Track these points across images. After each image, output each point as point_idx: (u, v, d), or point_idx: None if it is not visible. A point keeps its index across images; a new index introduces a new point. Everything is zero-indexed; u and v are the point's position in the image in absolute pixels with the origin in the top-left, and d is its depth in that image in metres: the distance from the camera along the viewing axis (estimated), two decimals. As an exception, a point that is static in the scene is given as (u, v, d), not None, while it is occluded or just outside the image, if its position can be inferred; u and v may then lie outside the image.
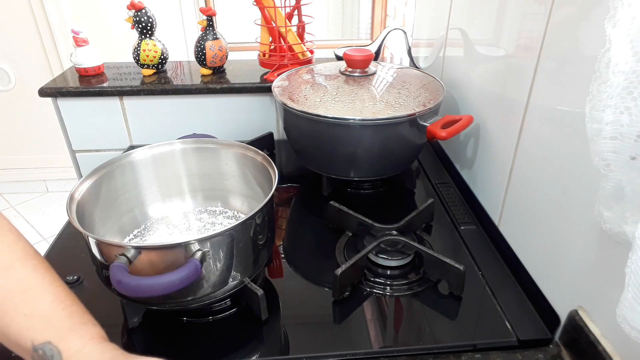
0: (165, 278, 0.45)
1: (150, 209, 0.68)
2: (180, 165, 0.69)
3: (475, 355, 0.50)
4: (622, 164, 0.35)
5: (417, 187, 0.84)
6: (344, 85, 0.76)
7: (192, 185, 0.71)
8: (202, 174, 0.70)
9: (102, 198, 0.60)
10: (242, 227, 0.51)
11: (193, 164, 0.69)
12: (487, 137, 0.71)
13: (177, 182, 0.70)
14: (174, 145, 0.68)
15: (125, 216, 0.65)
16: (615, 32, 0.33)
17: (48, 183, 2.44)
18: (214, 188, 0.71)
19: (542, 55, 0.54)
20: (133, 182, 0.66)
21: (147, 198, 0.68)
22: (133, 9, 1.01)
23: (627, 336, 0.41)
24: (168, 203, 0.70)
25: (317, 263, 0.66)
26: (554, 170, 0.52)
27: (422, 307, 0.57)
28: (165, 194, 0.69)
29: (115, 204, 0.63)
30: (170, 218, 0.69)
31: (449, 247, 0.68)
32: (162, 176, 0.68)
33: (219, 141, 0.68)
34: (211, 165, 0.69)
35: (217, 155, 0.68)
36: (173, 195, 0.70)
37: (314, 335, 0.54)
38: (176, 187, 0.70)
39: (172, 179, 0.69)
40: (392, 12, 2.13)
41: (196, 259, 0.46)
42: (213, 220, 0.69)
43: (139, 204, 0.67)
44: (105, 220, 0.61)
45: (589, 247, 0.46)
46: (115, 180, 0.63)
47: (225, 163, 0.68)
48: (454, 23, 0.85)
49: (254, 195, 0.67)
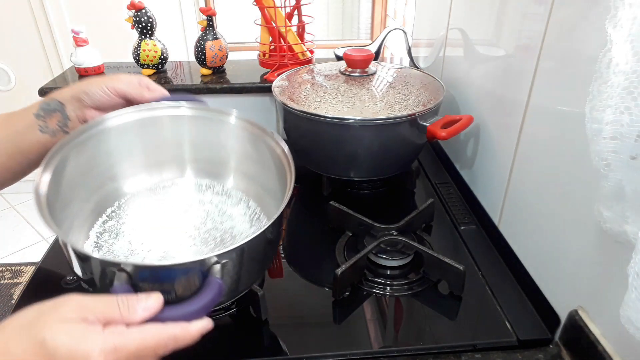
0: (186, 308, 0.38)
1: (129, 182, 0.60)
2: (179, 131, 0.61)
3: (475, 355, 0.50)
4: (622, 164, 0.35)
5: (417, 187, 0.84)
6: (344, 85, 0.76)
7: (192, 155, 0.63)
8: (198, 143, 0.62)
9: (70, 176, 0.52)
10: (263, 235, 0.44)
11: (195, 133, 0.61)
12: (487, 137, 0.71)
13: (165, 151, 0.62)
14: (174, 109, 0.59)
15: (99, 191, 0.57)
16: (616, 33, 0.33)
17: (48, 183, 2.44)
18: (207, 159, 0.63)
19: (542, 55, 0.54)
20: (112, 150, 0.58)
21: (125, 170, 0.60)
22: (133, 9, 1.01)
23: (627, 336, 0.41)
24: (154, 174, 0.62)
25: (317, 263, 0.66)
26: (554, 170, 0.52)
27: (422, 307, 0.57)
28: (152, 164, 0.62)
29: (87, 179, 0.56)
30: (152, 192, 0.62)
31: (449, 247, 0.68)
32: (150, 143, 0.60)
33: (236, 114, 0.60)
34: (210, 137, 0.61)
35: (228, 130, 0.60)
36: (158, 165, 0.62)
37: (314, 335, 0.54)
38: (162, 157, 0.62)
39: (161, 147, 0.61)
40: (392, 12, 2.13)
41: (217, 277, 0.40)
42: (201, 198, 0.62)
43: (115, 176, 0.59)
44: (73, 198, 0.53)
45: (589, 247, 0.46)
46: (87, 150, 0.54)
47: (236, 139, 0.60)
48: (454, 23, 0.86)
49: (254, 175, 0.60)
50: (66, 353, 0.32)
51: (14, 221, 2.24)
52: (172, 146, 0.62)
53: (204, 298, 0.39)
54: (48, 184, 0.47)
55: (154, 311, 0.37)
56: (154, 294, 0.38)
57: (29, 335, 0.33)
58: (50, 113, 0.53)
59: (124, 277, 0.39)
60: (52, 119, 0.53)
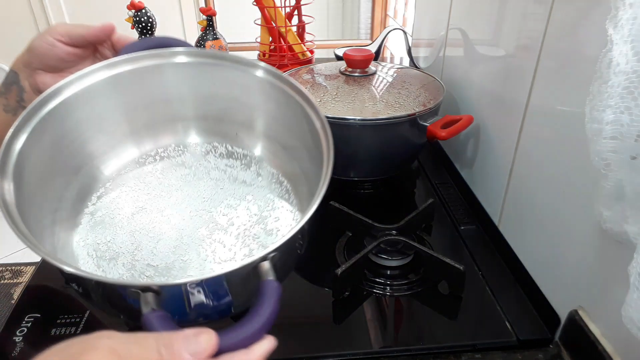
0: (246, 330, 0.30)
1: (114, 158, 0.49)
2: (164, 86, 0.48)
3: (475, 355, 0.50)
4: (622, 164, 0.35)
5: (417, 187, 0.84)
6: (344, 85, 0.76)
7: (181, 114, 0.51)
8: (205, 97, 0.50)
9: (35, 170, 0.41)
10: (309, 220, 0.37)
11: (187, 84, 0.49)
12: (487, 137, 0.71)
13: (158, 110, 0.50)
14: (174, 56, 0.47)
15: (78, 177, 0.47)
16: (616, 33, 0.33)
17: (48, 183, 2.44)
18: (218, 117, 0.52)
19: (542, 55, 0.54)
20: (87, 123, 0.46)
21: (106, 144, 0.48)
22: (133, 9, 1.01)
23: (627, 336, 0.41)
24: (146, 143, 0.51)
25: (317, 263, 0.66)
26: (554, 170, 0.52)
27: (422, 307, 0.57)
28: (140, 130, 0.49)
29: (58, 167, 0.45)
30: (146, 165, 0.51)
31: (449, 247, 0.68)
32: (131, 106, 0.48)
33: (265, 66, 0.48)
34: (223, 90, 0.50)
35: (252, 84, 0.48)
36: (149, 130, 0.50)
37: (314, 335, 0.54)
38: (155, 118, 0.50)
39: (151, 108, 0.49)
40: (392, 12, 2.13)
41: (271, 279, 0.33)
42: (209, 165, 0.51)
43: (92, 154, 0.47)
44: (46, 198, 0.42)
45: (589, 247, 0.46)
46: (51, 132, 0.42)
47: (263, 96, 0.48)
48: (454, 23, 0.86)
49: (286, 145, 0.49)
50: None
51: (14, 221, 2.24)
52: (168, 103, 0.49)
53: (264, 310, 0.30)
54: (13, 190, 0.37)
55: (206, 356, 0.28)
56: (205, 333, 0.29)
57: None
58: (9, 87, 0.44)
59: (151, 299, 0.30)
60: (12, 93, 0.44)
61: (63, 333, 0.52)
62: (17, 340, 0.51)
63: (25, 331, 0.53)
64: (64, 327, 0.53)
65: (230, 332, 0.30)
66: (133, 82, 0.47)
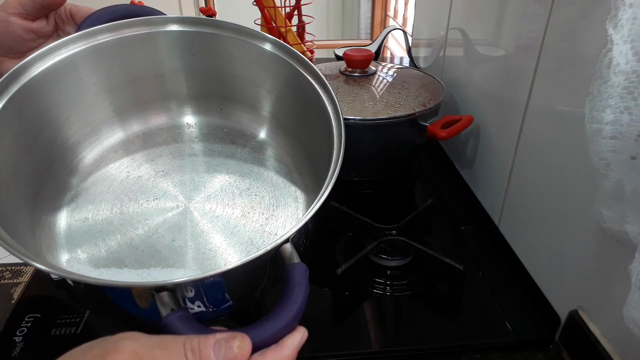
0: (277, 323, 0.28)
1: (95, 143, 0.42)
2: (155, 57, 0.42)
3: (475, 355, 0.50)
4: (622, 164, 0.35)
5: (417, 187, 0.84)
6: (344, 85, 0.76)
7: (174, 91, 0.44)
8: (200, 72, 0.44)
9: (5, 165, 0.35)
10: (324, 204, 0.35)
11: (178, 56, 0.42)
12: (487, 137, 0.71)
13: (145, 85, 0.43)
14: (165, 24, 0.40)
15: (54, 164, 0.40)
16: (616, 33, 0.33)
17: (48, 183, 2.44)
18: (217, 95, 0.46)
19: (542, 55, 0.54)
20: (63, 104, 0.39)
21: (86, 126, 0.41)
22: (133, 8, 1.01)
23: (627, 336, 0.41)
24: (133, 123, 0.43)
25: (317, 263, 0.66)
26: (554, 170, 0.52)
27: (422, 307, 0.57)
28: (126, 109, 0.42)
29: (30, 160, 0.38)
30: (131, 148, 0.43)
31: (449, 247, 0.68)
32: (114, 81, 0.41)
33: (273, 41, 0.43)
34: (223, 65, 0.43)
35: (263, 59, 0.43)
36: (137, 108, 0.43)
37: (314, 335, 0.54)
38: (142, 95, 0.43)
39: (138, 82, 0.42)
40: (392, 12, 2.13)
41: (297, 262, 0.31)
42: (197, 147, 0.45)
43: (68, 140, 0.40)
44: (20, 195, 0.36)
45: (589, 247, 0.46)
46: (19, 119, 0.36)
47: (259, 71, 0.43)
48: (454, 23, 0.86)
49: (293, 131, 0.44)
50: None
51: (14, 221, 2.24)
52: (159, 78, 0.42)
53: (295, 296, 0.28)
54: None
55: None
56: (238, 338, 0.26)
57: None
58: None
59: (168, 298, 0.27)
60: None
61: (63, 333, 0.52)
62: (17, 340, 0.51)
63: (25, 331, 0.53)
64: (64, 327, 0.53)
65: (260, 326, 0.27)
66: (116, 55, 0.40)
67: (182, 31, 0.42)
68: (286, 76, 0.43)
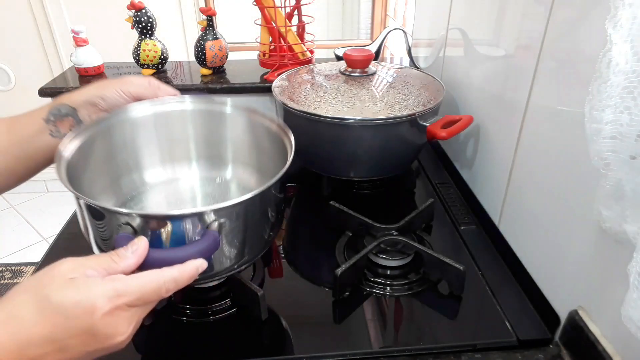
0: (183, 251, 0.41)
1: (148, 173, 0.63)
2: (187, 126, 0.63)
3: (475, 355, 0.50)
4: (621, 164, 0.35)
5: (417, 187, 0.84)
6: (344, 85, 0.76)
7: (197, 151, 0.65)
8: (209, 140, 0.64)
9: (94, 158, 0.55)
10: (260, 198, 0.46)
11: (200, 127, 0.63)
12: (487, 137, 0.71)
13: (180, 145, 0.64)
14: (183, 103, 0.62)
15: (120, 180, 0.60)
16: (616, 32, 0.33)
17: (48, 183, 2.44)
18: (220, 156, 0.65)
19: (542, 55, 0.54)
20: (131, 142, 0.60)
21: (144, 161, 0.62)
22: (133, 9, 1.01)
23: (627, 336, 0.41)
24: (168, 168, 0.64)
25: (317, 263, 0.66)
26: (554, 170, 0.52)
27: (422, 307, 0.57)
28: (166, 158, 0.64)
29: (109, 166, 0.58)
30: (169, 185, 0.64)
31: (449, 247, 0.68)
32: (164, 137, 0.62)
33: (229, 103, 0.62)
34: (219, 130, 0.63)
35: (227, 120, 0.63)
36: (175, 159, 0.64)
37: (314, 335, 0.54)
38: (179, 151, 0.64)
39: (176, 142, 0.63)
40: (392, 12, 2.13)
41: (214, 231, 0.43)
42: (213, 191, 0.65)
43: (135, 166, 0.61)
44: (94, 183, 0.55)
45: (589, 247, 0.46)
46: (111, 139, 0.57)
47: (235, 128, 0.62)
48: (454, 23, 0.86)
49: (263, 167, 0.62)
50: (72, 305, 0.34)
51: (14, 221, 2.25)
52: (180, 142, 0.64)
53: (201, 244, 0.42)
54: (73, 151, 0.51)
55: (142, 251, 0.39)
56: (138, 238, 0.40)
57: (35, 297, 0.35)
58: (61, 118, 0.54)
59: (126, 226, 0.42)
60: (64, 123, 0.54)
61: (63, 333, 0.52)
62: (17, 340, 0.51)
63: (26, 331, 0.53)
64: (64, 327, 0.53)
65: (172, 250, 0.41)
66: (167, 119, 0.61)
67: (198, 108, 0.63)
68: (244, 123, 0.63)
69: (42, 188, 2.44)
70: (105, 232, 0.45)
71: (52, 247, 0.68)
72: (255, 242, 0.50)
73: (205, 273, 0.44)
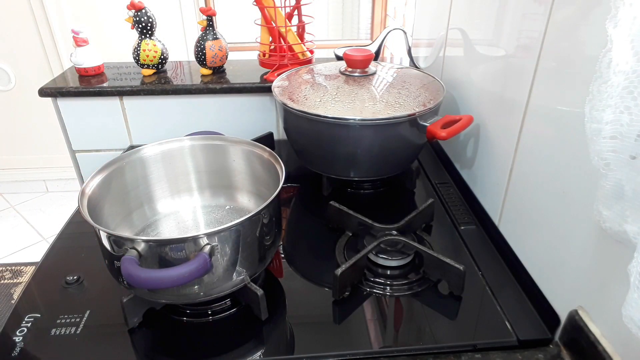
0: (175, 271, 0.46)
1: (160, 204, 0.70)
2: (189, 161, 0.70)
3: (475, 355, 0.50)
4: (621, 164, 0.35)
5: (417, 187, 0.84)
6: (344, 85, 0.76)
7: (200, 182, 0.72)
8: (210, 170, 0.71)
9: (112, 193, 0.61)
10: (249, 222, 0.51)
11: (201, 161, 0.70)
12: (487, 137, 0.71)
13: (185, 178, 0.71)
14: (183, 141, 0.69)
15: (135, 212, 0.66)
16: (616, 32, 0.33)
17: (48, 183, 2.44)
18: (222, 185, 0.71)
19: (542, 55, 0.54)
20: (142, 178, 0.67)
21: (156, 194, 0.69)
22: (133, 9, 1.01)
23: (627, 336, 0.41)
24: (177, 199, 0.71)
25: (317, 263, 0.66)
26: (554, 170, 0.52)
27: (422, 307, 0.57)
28: (174, 190, 0.70)
29: (125, 200, 0.64)
30: (179, 214, 0.70)
31: (449, 247, 0.68)
32: (171, 172, 0.69)
33: (226, 138, 0.69)
34: (219, 162, 0.70)
35: (224, 152, 0.69)
36: (182, 191, 0.71)
37: (314, 335, 0.54)
38: (185, 183, 0.71)
39: (181, 175, 0.70)
40: (392, 12, 2.13)
41: (205, 253, 0.47)
42: (221, 217, 0.70)
43: (148, 199, 0.68)
44: (114, 215, 0.62)
45: (589, 247, 0.46)
46: (125, 176, 0.64)
47: (233, 160, 0.69)
48: (454, 23, 0.86)
49: (261, 193, 0.67)
50: None
51: (14, 221, 2.24)
52: (185, 175, 0.71)
53: (191, 265, 0.46)
54: (94, 187, 0.57)
55: None
56: None
57: None
58: None
59: (132, 250, 0.47)
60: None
61: (63, 333, 0.52)
62: (17, 340, 0.51)
63: (25, 331, 0.53)
64: (64, 327, 0.53)
65: (163, 270, 0.46)
66: (172, 156, 0.69)
67: (198, 144, 0.69)
68: (240, 154, 0.69)
69: (42, 188, 2.44)
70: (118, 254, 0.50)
71: (52, 247, 0.68)
72: (251, 264, 0.54)
73: (204, 292, 0.51)
